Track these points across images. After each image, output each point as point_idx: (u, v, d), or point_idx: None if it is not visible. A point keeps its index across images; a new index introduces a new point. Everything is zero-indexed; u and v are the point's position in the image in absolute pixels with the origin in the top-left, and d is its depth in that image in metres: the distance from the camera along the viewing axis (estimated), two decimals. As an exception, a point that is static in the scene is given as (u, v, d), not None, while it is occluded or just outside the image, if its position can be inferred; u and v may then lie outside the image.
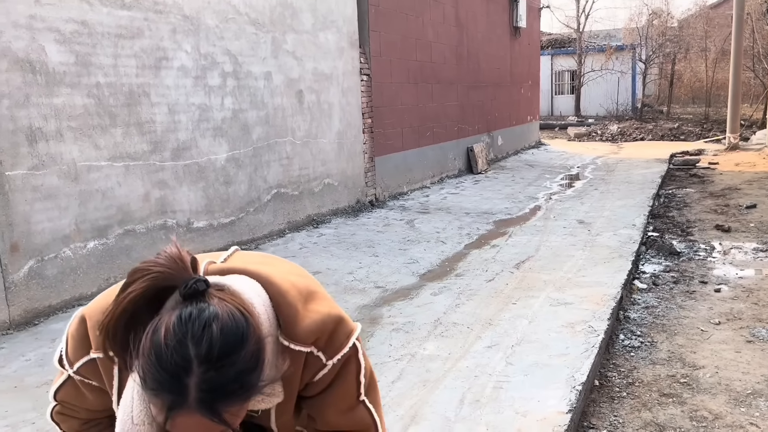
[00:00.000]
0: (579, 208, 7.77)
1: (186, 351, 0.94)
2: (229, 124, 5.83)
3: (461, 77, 11.01)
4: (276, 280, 1.17)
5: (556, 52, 27.56)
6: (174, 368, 0.93)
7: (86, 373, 1.20)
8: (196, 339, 0.94)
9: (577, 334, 3.70)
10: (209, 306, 0.97)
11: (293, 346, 1.14)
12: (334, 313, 1.21)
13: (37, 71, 4.12)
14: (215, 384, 0.95)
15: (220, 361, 0.95)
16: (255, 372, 1.00)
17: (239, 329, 0.98)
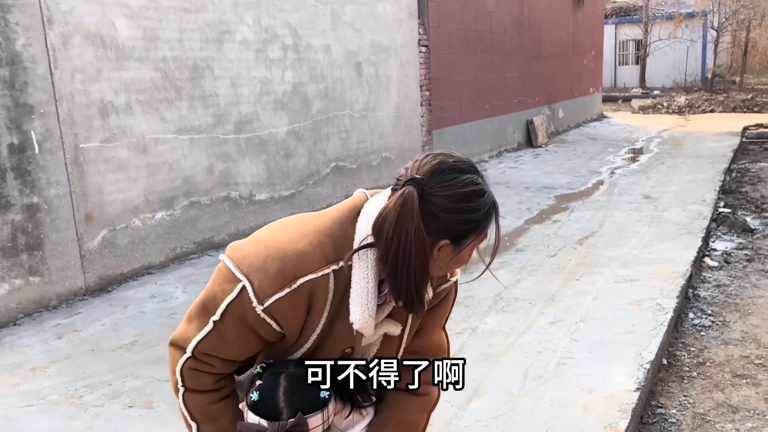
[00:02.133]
0: (644, 182, 7.50)
1: (478, 186, 1.17)
2: (289, 98, 5.87)
3: (521, 48, 10.72)
4: None
5: (620, 20, 26.48)
6: (483, 190, 1.17)
7: (275, 311, 1.16)
8: (471, 179, 1.16)
9: (643, 312, 3.60)
10: (438, 156, 1.18)
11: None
12: None
13: (108, 46, 4.23)
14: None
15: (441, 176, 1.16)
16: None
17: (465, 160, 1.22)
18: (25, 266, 3.84)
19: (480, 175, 1.18)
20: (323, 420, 1.19)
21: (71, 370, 3.15)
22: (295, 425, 1.15)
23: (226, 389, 1.29)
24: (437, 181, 1.13)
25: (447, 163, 1.15)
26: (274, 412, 1.16)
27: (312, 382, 1.20)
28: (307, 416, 1.17)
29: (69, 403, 2.84)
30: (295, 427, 1.15)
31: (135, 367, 3.14)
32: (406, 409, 1.36)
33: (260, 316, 1.16)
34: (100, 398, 2.87)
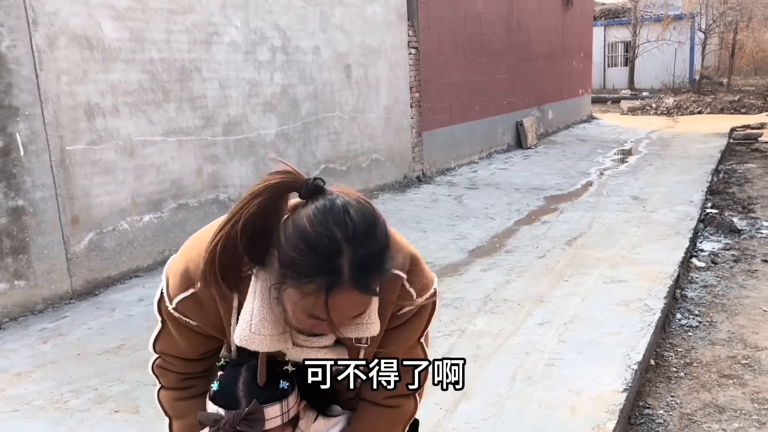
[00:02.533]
0: (633, 183, 7.54)
1: (333, 235, 1.00)
2: (278, 99, 5.86)
3: (511, 49, 10.76)
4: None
5: (609, 22, 26.65)
6: (326, 250, 0.99)
7: (185, 310, 1.21)
8: (339, 222, 1.00)
9: (631, 312, 3.61)
10: (336, 197, 1.04)
11: (395, 271, 1.16)
12: (419, 255, 1.27)
13: (94, 47, 4.20)
14: (364, 260, 1.01)
15: (364, 239, 1.01)
16: (389, 248, 1.06)
17: (369, 210, 1.05)
18: (11, 270, 3.80)
19: (352, 242, 1.00)
20: (282, 411, 1.19)
21: (57, 374, 3.12)
22: (250, 413, 1.15)
23: (195, 388, 1.34)
24: (316, 203, 1.03)
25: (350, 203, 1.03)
26: (232, 401, 1.18)
27: (272, 373, 1.20)
28: (264, 405, 1.17)
29: (54, 408, 2.81)
30: (250, 415, 1.15)
31: (122, 371, 3.12)
32: (375, 421, 1.34)
33: (175, 315, 1.23)
34: (85, 403, 2.85)
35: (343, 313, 1.05)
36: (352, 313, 1.07)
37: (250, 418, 1.15)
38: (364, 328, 1.16)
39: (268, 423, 1.18)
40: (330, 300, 1.01)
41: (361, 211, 1.03)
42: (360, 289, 1.02)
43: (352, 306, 1.06)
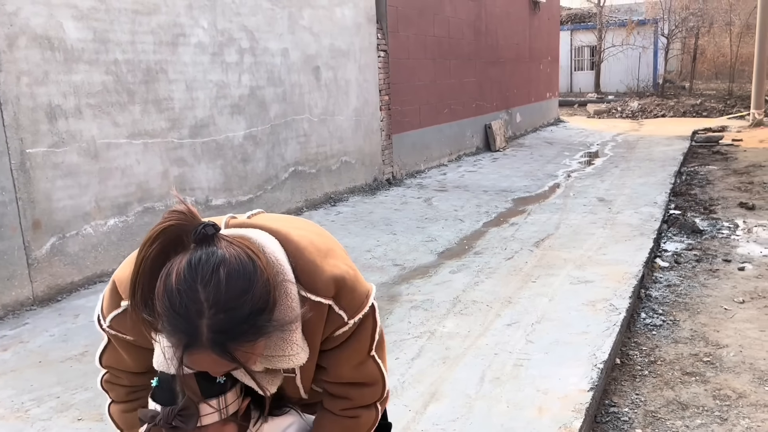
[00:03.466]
0: (599, 185, 7.67)
1: (196, 295, 0.99)
2: (246, 101, 5.81)
3: (479, 53, 10.85)
4: (294, 237, 1.20)
5: (575, 27, 27.08)
6: (186, 312, 0.99)
7: (118, 326, 1.23)
8: (205, 283, 0.99)
9: (598, 313, 3.67)
10: (217, 250, 1.02)
11: (313, 297, 1.17)
12: (351, 270, 1.25)
13: (56, 48, 4.11)
14: (225, 325, 1.00)
15: (228, 303, 1.00)
16: (264, 313, 1.04)
17: (246, 272, 1.02)
18: (-31, 276, 3.69)
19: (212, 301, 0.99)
20: (219, 407, 1.18)
21: (17, 383, 3.04)
22: (183, 408, 1.15)
23: (143, 400, 1.33)
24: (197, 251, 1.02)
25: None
26: (170, 397, 1.17)
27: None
28: (200, 402, 1.17)
29: (15, 417, 2.74)
30: (184, 411, 1.15)
31: (85, 378, 3.05)
32: (330, 430, 1.34)
33: (111, 332, 1.25)
34: (47, 411, 2.78)
35: (200, 366, 1.05)
36: (215, 371, 1.07)
37: (184, 413, 1.15)
38: (287, 360, 1.17)
39: (205, 419, 1.17)
40: (187, 357, 1.02)
41: (235, 272, 1.01)
42: (217, 352, 1.01)
43: (212, 365, 1.05)
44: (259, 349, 1.08)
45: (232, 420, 1.22)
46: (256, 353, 1.08)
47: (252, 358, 1.07)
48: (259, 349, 1.08)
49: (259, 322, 1.03)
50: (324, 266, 1.19)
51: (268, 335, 1.07)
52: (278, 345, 1.16)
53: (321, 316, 1.20)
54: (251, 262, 1.04)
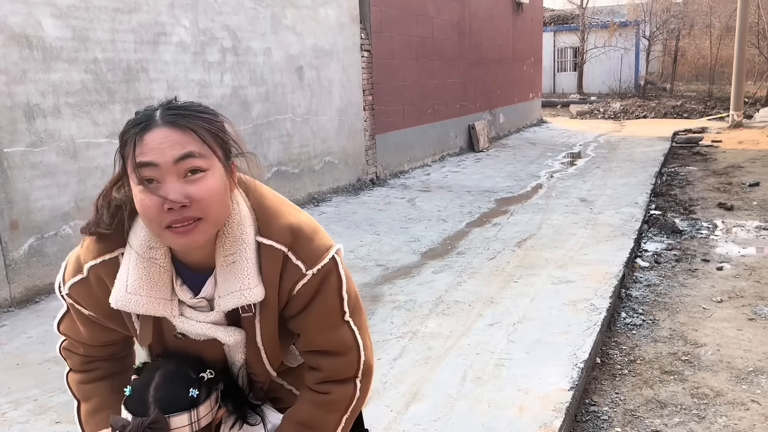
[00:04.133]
0: (581, 186, 7.73)
1: (153, 106, 1.12)
2: (228, 101, 5.77)
3: (463, 54, 10.89)
4: (259, 186, 1.24)
5: (558, 28, 27.27)
6: (143, 112, 1.11)
7: (77, 295, 1.23)
8: (164, 103, 1.12)
9: (578, 312, 3.70)
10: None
11: (267, 242, 1.17)
12: (311, 223, 1.24)
13: (34, 46, 4.06)
14: (178, 107, 1.10)
15: (181, 106, 1.12)
16: (218, 116, 1.14)
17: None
18: (-56, 277, 3.63)
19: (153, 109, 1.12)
20: (190, 421, 1.17)
21: (-7, 386, 3.00)
22: (153, 422, 1.13)
23: (99, 371, 1.36)
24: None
25: None
26: (142, 407, 1.16)
27: (184, 381, 1.19)
28: (170, 415, 1.15)
29: (-10, 421, 2.69)
30: (154, 424, 1.14)
31: (63, 381, 2.99)
32: (305, 406, 1.30)
33: (69, 301, 1.26)
34: (25, 414, 2.74)
35: (158, 149, 1.05)
36: (168, 148, 1.06)
37: (154, 426, 1.14)
38: (241, 295, 1.16)
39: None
40: (140, 143, 1.06)
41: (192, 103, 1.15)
42: (170, 125, 1.07)
43: (165, 138, 1.06)
44: (217, 158, 1.10)
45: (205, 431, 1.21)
46: (215, 153, 1.10)
47: (213, 151, 1.09)
48: (216, 154, 1.10)
49: (210, 117, 1.12)
50: (282, 213, 1.21)
51: (219, 138, 1.11)
52: (230, 279, 1.16)
53: (276, 264, 1.18)
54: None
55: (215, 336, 1.21)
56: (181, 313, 1.21)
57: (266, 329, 1.24)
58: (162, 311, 1.19)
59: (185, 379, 1.19)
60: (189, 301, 1.20)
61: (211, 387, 1.23)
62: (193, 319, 1.20)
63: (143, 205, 1.06)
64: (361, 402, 1.33)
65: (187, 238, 1.08)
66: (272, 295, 1.19)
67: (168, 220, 1.06)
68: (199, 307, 1.21)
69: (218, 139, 1.11)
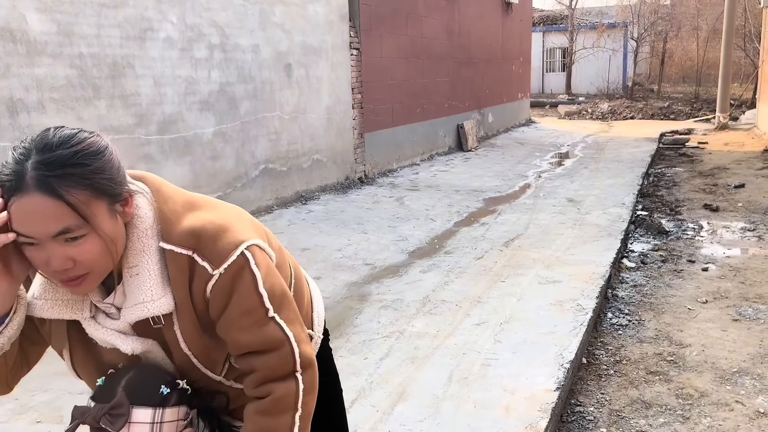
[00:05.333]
0: (569, 186, 7.75)
1: (27, 145, 1.03)
2: (216, 98, 5.73)
3: (452, 53, 10.89)
4: (165, 189, 1.21)
5: (547, 28, 27.38)
6: (14, 158, 1.02)
7: None
8: (39, 137, 1.05)
9: (565, 312, 3.70)
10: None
11: (169, 247, 1.14)
12: (218, 221, 1.18)
13: (18, 40, 4.00)
14: (51, 162, 1.00)
15: (57, 147, 1.02)
16: (96, 158, 1.05)
17: (83, 136, 1.06)
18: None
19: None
20: (153, 420, 1.13)
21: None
22: (114, 407, 1.11)
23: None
24: None
25: None
26: (109, 396, 1.13)
27: (159, 380, 1.17)
28: (134, 405, 1.12)
29: (-30, 421, 2.65)
30: (114, 409, 1.11)
31: (44, 380, 2.97)
32: (253, 417, 1.21)
33: None
34: (5, 414, 2.70)
35: (33, 222, 1.01)
36: (44, 223, 1.01)
37: (113, 412, 1.11)
38: (145, 307, 1.14)
39: (135, 427, 1.11)
40: (15, 206, 1.00)
41: (73, 136, 1.05)
42: (44, 191, 0.99)
43: (44, 213, 1.00)
44: (100, 210, 1.05)
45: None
46: (97, 212, 1.04)
47: (93, 213, 1.04)
48: (99, 209, 1.05)
49: (90, 164, 1.03)
50: (186, 217, 1.17)
51: (100, 189, 1.05)
52: (134, 291, 1.14)
53: (182, 269, 1.14)
54: (104, 142, 1.09)
55: (114, 344, 1.17)
56: (93, 316, 1.19)
57: (188, 335, 1.19)
58: (71, 313, 1.16)
59: (161, 379, 1.17)
60: (98, 304, 1.18)
61: (183, 398, 1.19)
62: (103, 325, 1.18)
63: (30, 258, 1.06)
64: (310, 397, 1.24)
65: (78, 289, 1.10)
66: (185, 300, 1.16)
67: (56, 277, 1.07)
68: (111, 313, 1.19)
69: (99, 189, 1.05)
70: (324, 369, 1.52)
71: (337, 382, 1.63)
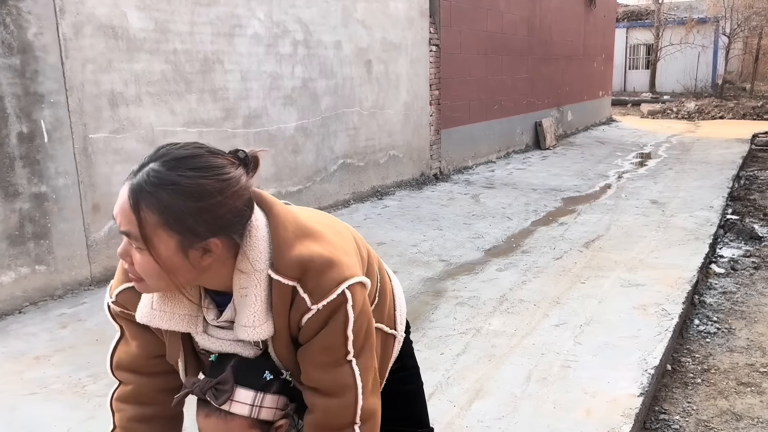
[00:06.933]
0: (652, 187, 7.47)
1: (164, 150, 1.10)
2: (298, 93, 5.87)
3: (532, 49, 10.69)
4: (278, 212, 1.19)
5: (632, 24, 26.38)
6: (152, 155, 1.10)
7: (124, 301, 1.26)
8: (171, 150, 1.10)
9: (649, 317, 3.58)
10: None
11: (276, 277, 1.14)
12: (326, 255, 1.16)
13: (119, 37, 4.24)
14: (153, 176, 1.05)
15: (170, 169, 1.06)
16: (190, 199, 1.05)
17: (197, 174, 1.07)
18: (32, 255, 3.85)
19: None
20: (253, 402, 1.17)
21: (75, 359, 3.16)
22: (221, 382, 1.16)
23: (153, 407, 1.35)
24: None
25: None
26: (218, 372, 1.19)
27: (265, 366, 1.21)
28: (238, 385, 1.17)
29: (72, 393, 2.84)
30: (220, 384, 1.16)
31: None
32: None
33: (117, 310, 1.28)
34: (103, 388, 2.87)
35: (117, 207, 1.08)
36: (120, 214, 1.08)
37: (219, 387, 1.16)
38: (247, 331, 1.16)
39: (235, 405, 1.16)
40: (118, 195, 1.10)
41: (192, 165, 1.08)
42: (130, 192, 1.06)
43: (121, 204, 1.07)
44: (166, 241, 1.06)
45: (259, 428, 1.19)
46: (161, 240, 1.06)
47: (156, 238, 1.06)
48: (165, 239, 1.06)
49: (175, 201, 1.04)
50: (296, 246, 1.15)
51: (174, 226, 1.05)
52: (242, 312, 1.16)
53: (285, 298, 1.15)
54: (227, 179, 1.08)
55: (234, 351, 1.22)
56: (205, 330, 1.23)
57: (282, 355, 1.23)
58: (186, 327, 1.20)
59: (267, 365, 1.22)
60: (212, 323, 1.22)
61: (284, 389, 1.23)
62: (215, 336, 1.22)
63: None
64: None
65: (136, 286, 1.15)
66: (283, 327, 1.18)
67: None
68: (225, 326, 1.23)
69: (172, 226, 1.06)
70: (404, 363, 1.54)
71: (417, 376, 1.62)
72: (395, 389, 1.49)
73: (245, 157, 1.13)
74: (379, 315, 1.39)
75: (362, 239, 1.41)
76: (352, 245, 1.30)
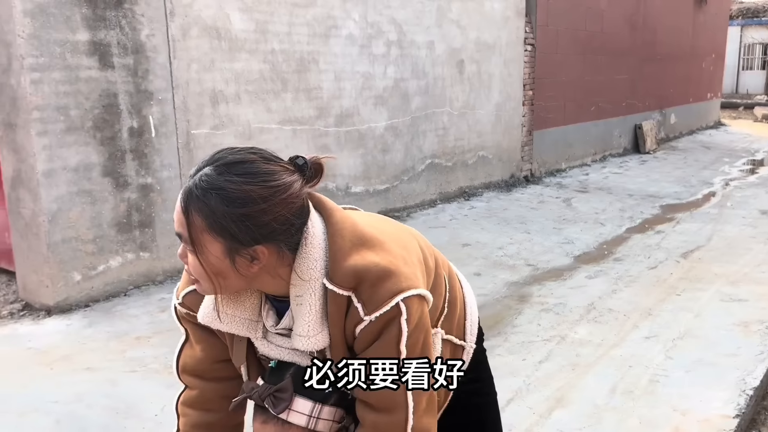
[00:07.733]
0: (762, 197, 6.97)
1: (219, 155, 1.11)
2: (389, 93, 5.94)
3: (634, 49, 10.24)
4: (336, 220, 1.17)
5: (746, 22, 24.66)
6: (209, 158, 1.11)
7: (190, 303, 1.26)
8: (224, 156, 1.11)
9: (751, 335, 3.36)
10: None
11: (331, 287, 1.11)
12: (383, 265, 1.11)
13: (222, 38, 4.45)
14: (204, 180, 1.06)
15: (220, 173, 1.06)
16: (235, 205, 1.05)
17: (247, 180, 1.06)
18: (137, 242, 4.13)
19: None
20: (311, 413, 1.16)
21: (172, 341, 3.31)
22: (280, 390, 1.16)
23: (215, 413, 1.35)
24: None
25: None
26: (277, 379, 1.19)
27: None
28: (297, 394, 1.15)
29: (168, 373, 3.02)
30: (280, 392, 1.16)
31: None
32: None
33: (182, 312, 1.29)
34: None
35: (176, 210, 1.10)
36: (176, 216, 1.10)
37: (278, 395, 1.15)
38: (302, 341, 1.14)
39: (293, 415, 1.15)
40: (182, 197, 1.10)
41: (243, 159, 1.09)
42: (183, 195, 1.08)
43: (176, 214, 1.10)
44: (212, 246, 1.07)
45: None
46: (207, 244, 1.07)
47: (203, 242, 1.07)
48: (212, 244, 1.07)
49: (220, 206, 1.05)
50: (350, 255, 1.12)
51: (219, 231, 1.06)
52: (298, 320, 1.15)
53: (340, 308, 1.13)
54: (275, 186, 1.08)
55: (293, 360, 1.23)
56: (264, 336, 1.23)
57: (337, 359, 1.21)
58: (245, 332, 1.21)
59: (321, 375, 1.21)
60: (271, 329, 1.22)
61: (342, 402, 1.21)
62: (274, 343, 1.23)
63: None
64: None
65: (196, 287, 1.17)
66: (339, 337, 1.17)
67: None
68: (281, 333, 1.23)
69: (218, 230, 1.06)
70: (478, 373, 1.48)
71: (490, 387, 1.56)
72: (468, 401, 1.44)
73: (303, 164, 1.12)
74: (449, 326, 1.35)
75: (430, 246, 1.37)
76: (416, 254, 1.25)
